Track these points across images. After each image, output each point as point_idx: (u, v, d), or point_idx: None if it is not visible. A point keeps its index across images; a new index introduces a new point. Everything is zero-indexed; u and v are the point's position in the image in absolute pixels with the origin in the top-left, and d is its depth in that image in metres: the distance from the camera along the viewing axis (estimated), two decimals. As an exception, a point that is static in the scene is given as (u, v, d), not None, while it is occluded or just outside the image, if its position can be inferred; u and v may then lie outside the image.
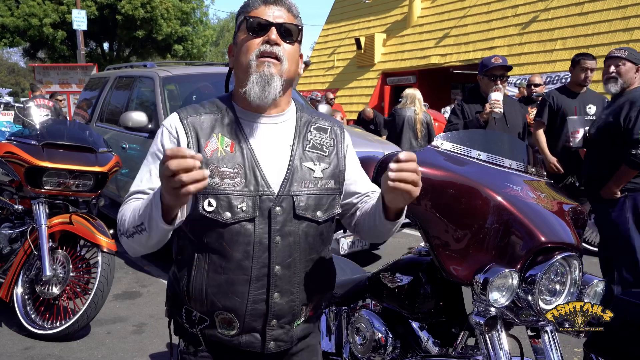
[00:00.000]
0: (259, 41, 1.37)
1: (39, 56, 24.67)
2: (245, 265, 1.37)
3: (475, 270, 1.55)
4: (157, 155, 1.41)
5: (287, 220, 1.39)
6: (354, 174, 1.55)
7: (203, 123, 1.41)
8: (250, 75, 1.37)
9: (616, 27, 10.34)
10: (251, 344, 1.43)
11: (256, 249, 1.37)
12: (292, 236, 1.39)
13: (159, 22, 21.28)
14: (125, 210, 1.36)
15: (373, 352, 1.95)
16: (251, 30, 1.38)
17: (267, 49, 1.36)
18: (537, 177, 1.84)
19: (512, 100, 4.35)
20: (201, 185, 1.12)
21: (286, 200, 1.39)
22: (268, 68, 1.36)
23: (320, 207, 1.43)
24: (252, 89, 1.37)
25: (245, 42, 1.39)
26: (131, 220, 1.30)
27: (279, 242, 1.38)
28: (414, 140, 6.64)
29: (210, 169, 1.36)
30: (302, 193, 1.40)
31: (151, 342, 3.59)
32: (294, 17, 1.43)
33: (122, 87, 6.39)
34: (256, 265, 1.38)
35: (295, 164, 1.42)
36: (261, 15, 1.38)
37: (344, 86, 16.14)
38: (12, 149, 3.70)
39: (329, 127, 1.52)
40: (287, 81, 1.41)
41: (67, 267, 3.63)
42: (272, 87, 1.37)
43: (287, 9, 1.42)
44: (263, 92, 1.37)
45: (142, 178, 1.41)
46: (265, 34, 1.37)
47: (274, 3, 1.40)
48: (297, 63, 1.44)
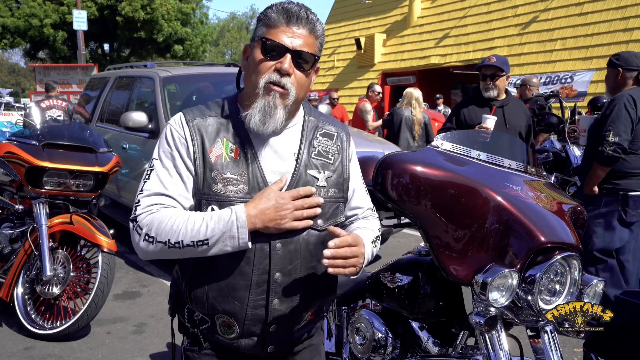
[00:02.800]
0: (271, 65, 1.34)
1: (40, 57, 24.68)
2: (245, 271, 1.37)
3: (475, 270, 1.55)
4: (171, 156, 1.38)
5: None
6: (353, 182, 1.55)
7: (208, 127, 1.39)
8: (256, 99, 1.35)
9: (616, 27, 10.35)
10: (251, 347, 1.44)
11: (257, 256, 1.37)
12: (292, 244, 1.39)
13: (159, 23, 21.29)
14: (164, 217, 1.33)
15: (373, 352, 1.95)
16: (265, 53, 1.35)
17: (277, 79, 1.33)
18: (537, 177, 1.84)
19: (517, 101, 4.32)
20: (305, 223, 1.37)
21: None
22: (274, 98, 1.34)
23: (322, 215, 1.42)
24: (253, 117, 1.35)
25: (257, 59, 1.36)
26: (183, 232, 1.31)
27: (279, 249, 1.38)
28: (411, 140, 6.64)
29: (215, 174, 1.35)
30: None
31: (151, 342, 3.60)
32: (316, 38, 1.38)
33: (123, 87, 6.39)
34: (256, 271, 1.38)
35: (300, 172, 1.41)
36: (279, 38, 1.33)
37: (344, 86, 16.15)
38: (13, 149, 3.71)
39: (336, 134, 1.51)
40: (293, 105, 1.39)
41: (68, 267, 3.63)
42: (273, 119, 1.35)
43: (309, 30, 1.36)
44: (263, 124, 1.35)
45: (163, 180, 1.37)
46: (279, 58, 1.33)
47: (297, 22, 1.34)
48: (307, 88, 1.41)
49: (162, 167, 1.39)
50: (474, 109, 3.99)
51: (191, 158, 1.37)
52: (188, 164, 1.37)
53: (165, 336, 3.63)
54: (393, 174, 1.63)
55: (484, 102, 3.96)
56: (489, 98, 3.92)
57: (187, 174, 1.37)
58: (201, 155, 1.36)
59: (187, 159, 1.37)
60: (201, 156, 1.36)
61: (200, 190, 1.36)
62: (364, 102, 8.34)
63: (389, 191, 1.68)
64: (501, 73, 3.88)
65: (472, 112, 3.98)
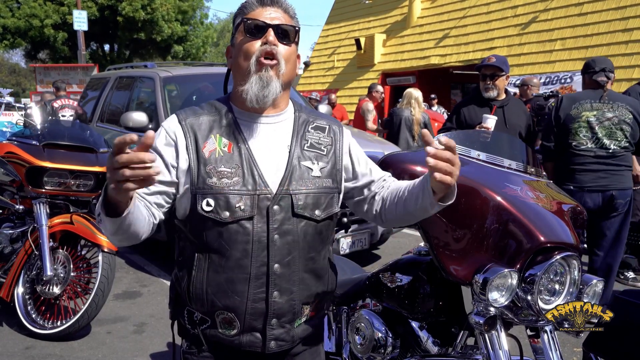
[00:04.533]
0: (257, 43, 1.39)
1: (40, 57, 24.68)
2: (244, 263, 1.38)
3: (474, 270, 1.56)
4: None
5: (285, 218, 1.39)
6: (364, 166, 1.56)
7: (201, 124, 1.42)
8: (250, 76, 1.39)
9: (615, 27, 10.34)
10: (252, 343, 1.44)
11: (255, 248, 1.38)
12: (290, 234, 1.40)
13: (159, 23, 21.29)
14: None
15: (373, 352, 1.95)
16: (249, 32, 1.40)
17: (266, 50, 1.38)
18: (537, 177, 1.85)
19: (517, 101, 4.32)
20: (143, 185, 1.10)
21: (284, 199, 1.39)
22: (267, 71, 1.38)
23: (318, 205, 1.44)
24: (250, 89, 1.38)
25: (243, 44, 1.41)
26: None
27: (277, 240, 1.39)
28: (411, 140, 6.65)
29: (209, 169, 1.37)
30: (301, 192, 1.41)
31: (152, 341, 3.60)
32: (291, 18, 1.45)
33: (123, 87, 6.40)
34: (255, 263, 1.38)
35: (293, 163, 1.42)
36: (258, 17, 1.40)
37: (344, 86, 16.15)
38: (13, 149, 3.71)
39: (327, 126, 1.53)
40: (285, 83, 1.43)
41: (68, 267, 3.64)
42: (270, 89, 1.38)
43: (283, 10, 1.43)
44: (262, 93, 1.39)
45: None
46: (262, 35, 1.39)
47: (270, 4, 1.42)
48: (294, 64, 1.46)
49: None
50: (474, 108, 4.00)
51: (181, 157, 1.39)
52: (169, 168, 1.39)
53: (166, 336, 3.64)
54: (393, 173, 1.64)
55: (484, 102, 3.96)
56: (489, 98, 3.93)
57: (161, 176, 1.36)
58: (194, 150, 1.38)
59: (172, 161, 1.39)
60: (195, 152, 1.38)
61: (195, 185, 1.37)
62: (367, 101, 8.34)
63: (389, 191, 1.68)
64: (501, 73, 3.88)
65: (473, 112, 3.99)
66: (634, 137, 3.55)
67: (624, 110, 3.53)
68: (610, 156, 3.54)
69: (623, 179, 3.59)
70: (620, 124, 3.52)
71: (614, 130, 3.53)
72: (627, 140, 3.53)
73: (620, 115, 3.52)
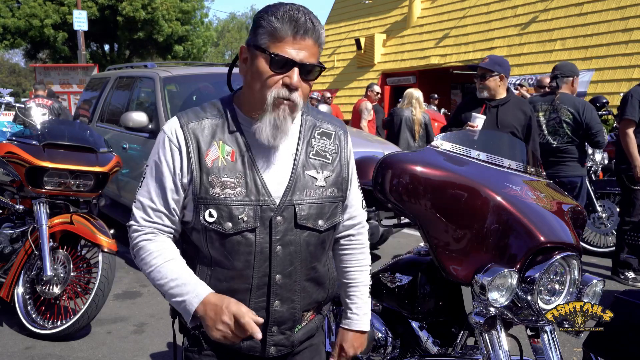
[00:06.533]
0: (278, 79, 1.32)
1: (40, 57, 24.67)
2: (246, 274, 1.37)
3: (474, 270, 1.56)
4: (159, 166, 1.38)
5: (288, 229, 1.38)
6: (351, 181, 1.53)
7: (204, 130, 1.38)
8: (264, 114, 1.33)
9: (615, 27, 10.35)
10: (252, 348, 1.44)
11: (257, 259, 1.37)
12: (293, 245, 1.39)
13: (159, 23, 21.28)
14: (151, 251, 1.39)
15: (373, 352, 1.95)
16: (273, 65, 1.31)
17: (286, 95, 1.32)
18: (537, 177, 1.85)
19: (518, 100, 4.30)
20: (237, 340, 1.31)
21: (287, 210, 1.37)
22: (283, 112, 1.33)
23: (322, 215, 1.42)
24: (264, 130, 1.33)
25: (264, 75, 1.32)
26: (157, 275, 1.37)
27: (279, 251, 1.37)
28: (411, 140, 6.65)
29: (211, 178, 1.35)
30: (304, 202, 1.39)
31: (152, 341, 3.60)
32: (319, 46, 1.36)
33: (123, 87, 6.40)
34: (257, 274, 1.38)
35: (298, 173, 1.40)
36: (286, 52, 1.30)
37: (344, 86, 16.16)
38: (13, 149, 3.71)
39: (334, 132, 1.49)
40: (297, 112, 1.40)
41: (68, 267, 3.64)
42: (283, 131, 1.34)
43: (314, 40, 1.33)
44: (274, 138, 1.34)
45: (152, 191, 1.39)
46: (286, 71, 1.31)
47: (304, 35, 1.31)
48: (308, 94, 1.41)
49: (152, 179, 1.40)
50: (469, 108, 4.05)
51: (184, 165, 1.37)
52: (176, 178, 1.38)
53: (166, 336, 3.64)
54: (393, 174, 1.64)
55: (479, 102, 4.00)
56: (482, 98, 3.97)
57: (172, 187, 1.38)
58: (197, 159, 1.35)
59: (178, 169, 1.37)
60: (197, 160, 1.35)
61: (197, 195, 1.35)
62: (365, 101, 8.35)
63: (388, 191, 1.68)
64: (491, 73, 3.90)
65: (467, 112, 4.02)
66: (575, 133, 4.33)
67: (565, 112, 4.34)
68: (555, 150, 4.37)
69: (566, 168, 4.38)
70: (561, 123, 4.35)
71: (557, 128, 4.38)
72: (569, 137, 4.35)
73: (562, 115, 4.35)
